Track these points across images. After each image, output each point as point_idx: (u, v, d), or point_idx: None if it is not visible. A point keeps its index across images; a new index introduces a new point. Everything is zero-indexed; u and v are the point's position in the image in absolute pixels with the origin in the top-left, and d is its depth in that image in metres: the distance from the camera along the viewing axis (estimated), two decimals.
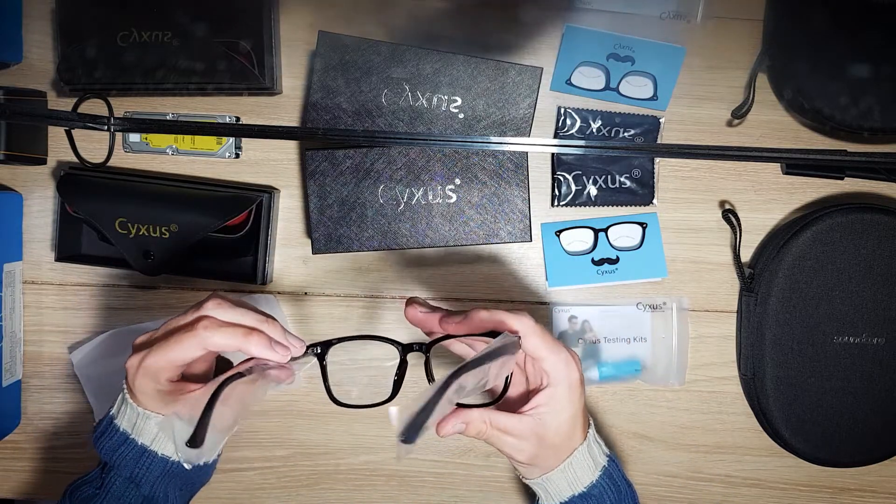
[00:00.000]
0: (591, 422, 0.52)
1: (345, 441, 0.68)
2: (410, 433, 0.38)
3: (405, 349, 0.47)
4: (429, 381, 0.47)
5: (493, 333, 0.46)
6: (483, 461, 0.68)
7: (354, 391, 0.67)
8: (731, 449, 0.68)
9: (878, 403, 0.63)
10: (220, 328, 0.45)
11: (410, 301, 0.50)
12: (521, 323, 0.46)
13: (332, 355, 0.48)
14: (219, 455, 0.55)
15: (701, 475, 0.68)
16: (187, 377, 0.49)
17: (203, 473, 0.54)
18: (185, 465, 0.49)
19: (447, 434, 0.46)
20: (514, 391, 0.51)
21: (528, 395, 0.50)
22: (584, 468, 0.49)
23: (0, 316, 0.63)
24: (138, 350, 0.48)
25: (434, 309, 0.49)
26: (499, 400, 0.48)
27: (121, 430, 0.49)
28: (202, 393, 0.42)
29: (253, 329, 0.46)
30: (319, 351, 0.47)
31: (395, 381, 0.47)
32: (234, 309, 0.47)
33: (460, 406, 0.47)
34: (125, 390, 0.49)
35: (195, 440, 0.40)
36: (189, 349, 0.45)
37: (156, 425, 0.48)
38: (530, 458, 0.48)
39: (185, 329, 0.46)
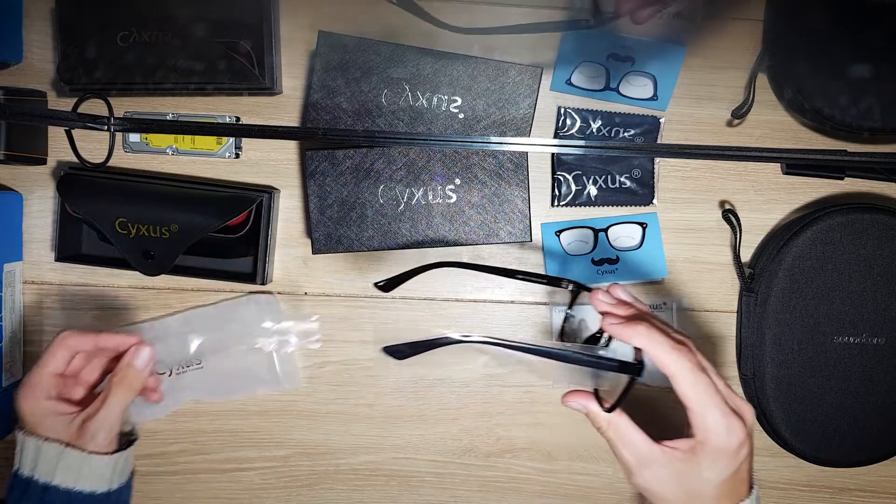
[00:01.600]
0: (755, 489, 0.47)
1: (345, 441, 0.68)
2: (394, 352, 0.45)
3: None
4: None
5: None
6: (483, 461, 0.68)
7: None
8: None
9: (878, 403, 0.63)
10: (77, 331, 0.55)
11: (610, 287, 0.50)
12: (675, 363, 0.44)
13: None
14: (131, 476, 0.56)
15: None
16: (66, 401, 0.54)
17: (116, 500, 0.54)
18: (91, 492, 0.52)
19: (570, 407, 0.48)
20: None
21: (680, 430, 0.47)
22: None
23: (0, 316, 0.63)
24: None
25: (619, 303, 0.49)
26: (613, 409, 0.46)
27: (24, 476, 0.51)
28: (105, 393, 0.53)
29: (105, 331, 0.55)
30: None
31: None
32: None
33: (598, 392, 0.47)
34: (19, 430, 0.52)
35: None
36: (56, 353, 0.53)
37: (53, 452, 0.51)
38: (653, 486, 0.46)
39: (49, 344, 0.54)
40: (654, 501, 0.47)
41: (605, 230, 0.66)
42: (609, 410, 0.46)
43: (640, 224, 0.66)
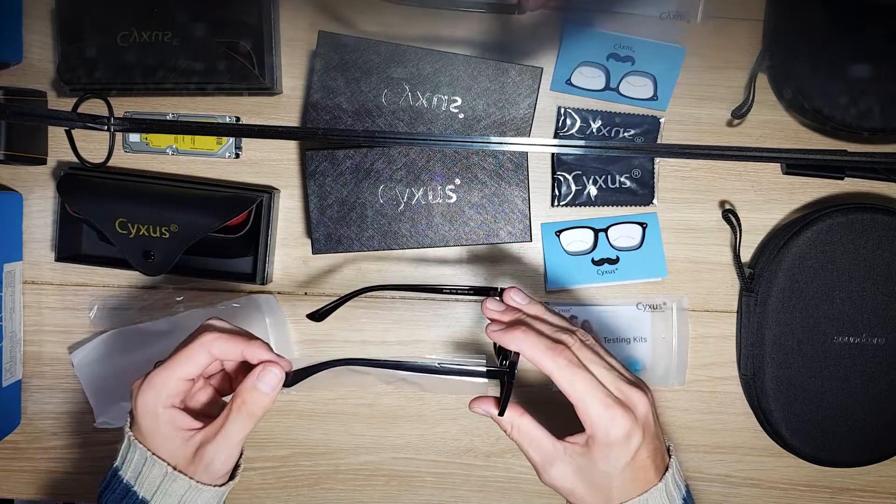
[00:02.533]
0: (671, 461, 0.47)
1: (345, 441, 0.68)
2: (291, 380, 0.47)
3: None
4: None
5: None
6: (483, 461, 0.68)
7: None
8: (731, 449, 0.68)
9: (878, 403, 0.63)
10: (224, 334, 0.46)
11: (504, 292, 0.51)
12: (550, 363, 0.44)
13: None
14: None
15: (701, 475, 0.68)
16: (189, 411, 0.48)
17: None
18: None
19: (475, 412, 0.49)
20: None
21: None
22: None
23: (0, 316, 0.63)
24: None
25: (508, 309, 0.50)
26: (502, 413, 0.47)
27: (124, 481, 0.46)
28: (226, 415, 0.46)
29: (253, 337, 0.47)
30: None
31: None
32: (231, 324, 0.49)
33: (499, 397, 0.47)
34: (129, 431, 0.47)
35: None
36: (195, 357, 0.45)
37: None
38: (559, 482, 0.47)
39: (189, 342, 0.46)
40: (566, 496, 0.48)
41: (605, 230, 0.66)
42: (500, 413, 0.47)
43: (640, 224, 0.66)
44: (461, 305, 0.67)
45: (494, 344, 0.53)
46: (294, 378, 0.47)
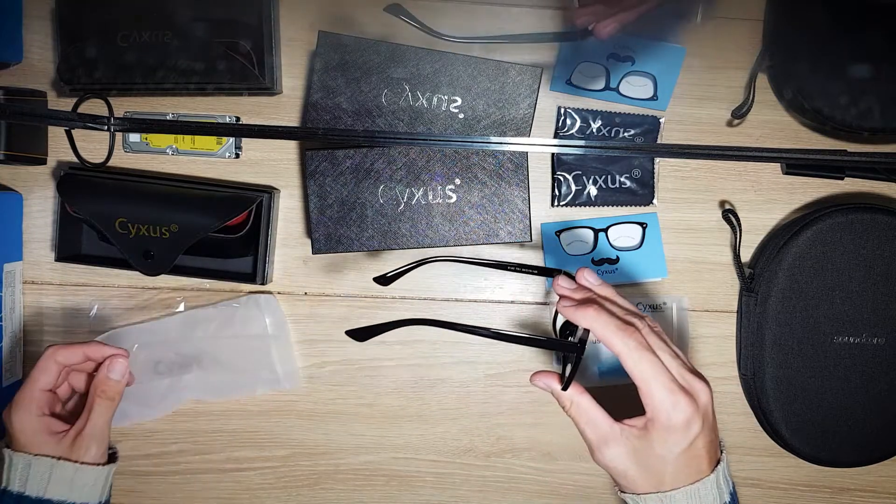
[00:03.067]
0: (723, 455, 0.48)
1: (345, 441, 0.68)
2: (359, 334, 0.50)
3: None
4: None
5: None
6: (483, 461, 0.68)
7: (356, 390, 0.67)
8: (731, 449, 0.68)
9: (878, 403, 0.63)
10: (64, 345, 0.55)
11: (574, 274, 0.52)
12: (620, 343, 0.45)
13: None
14: (110, 493, 0.56)
15: None
16: (60, 417, 0.55)
17: None
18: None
19: (536, 386, 0.50)
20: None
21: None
22: (710, 500, 0.47)
23: (0, 316, 0.63)
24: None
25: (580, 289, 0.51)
26: (566, 388, 0.48)
27: (14, 493, 0.50)
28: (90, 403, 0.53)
29: (91, 341, 0.56)
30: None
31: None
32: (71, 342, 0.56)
33: (560, 374, 0.49)
34: (6, 449, 0.52)
35: None
36: (45, 367, 0.53)
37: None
38: (613, 463, 0.47)
39: (38, 361, 0.54)
40: (616, 478, 0.48)
41: (605, 230, 0.66)
42: (564, 388, 0.48)
43: (640, 224, 0.66)
44: (460, 306, 0.67)
45: (555, 322, 0.54)
46: (366, 334, 0.50)
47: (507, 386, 0.68)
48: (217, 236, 0.61)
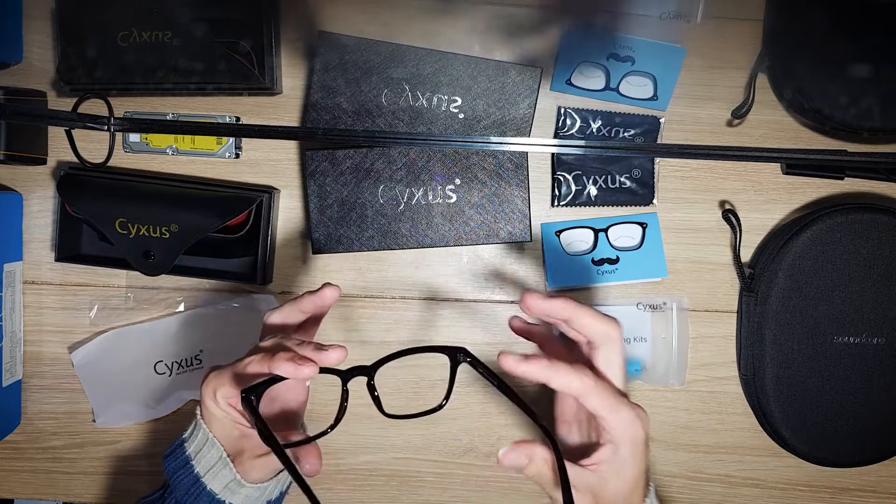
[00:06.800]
0: (652, 485, 0.47)
1: (345, 441, 0.68)
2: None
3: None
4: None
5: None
6: (483, 461, 0.68)
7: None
8: (731, 449, 0.68)
9: (878, 403, 0.63)
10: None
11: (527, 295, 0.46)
12: (578, 381, 0.42)
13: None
14: (282, 494, 0.54)
15: (701, 475, 0.68)
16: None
17: None
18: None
19: (509, 465, 0.45)
20: (571, 437, 0.49)
21: (587, 447, 0.47)
22: None
23: (0, 316, 0.63)
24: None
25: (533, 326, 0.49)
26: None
27: (186, 453, 0.49)
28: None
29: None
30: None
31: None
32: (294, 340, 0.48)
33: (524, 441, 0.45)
34: (197, 411, 0.50)
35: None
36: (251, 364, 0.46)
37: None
38: None
39: (252, 352, 0.48)
40: None
41: (605, 230, 0.66)
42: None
43: (640, 224, 0.66)
44: (460, 306, 0.67)
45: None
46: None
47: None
48: (217, 236, 0.61)
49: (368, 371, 0.46)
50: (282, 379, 0.44)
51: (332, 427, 0.45)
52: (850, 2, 0.59)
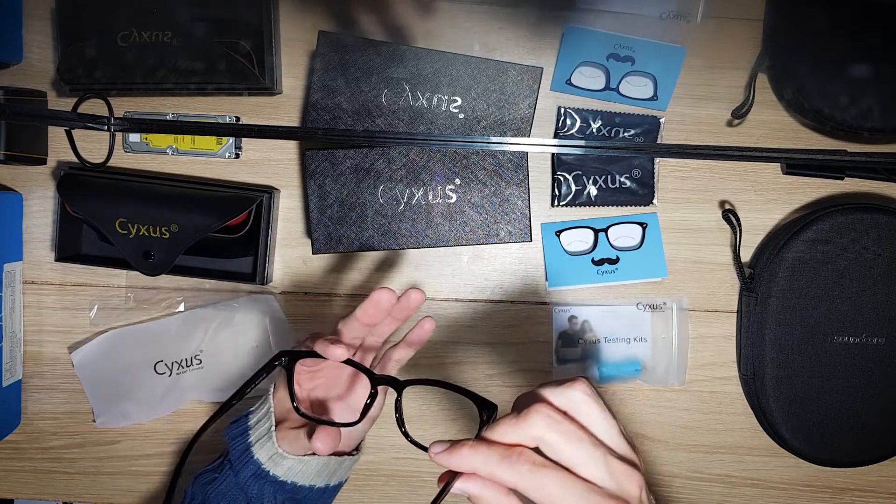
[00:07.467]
0: None
1: None
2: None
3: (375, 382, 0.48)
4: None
5: None
6: None
7: None
8: (731, 449, 0.68)
9: (878, 403, 0.63)
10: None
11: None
12: (513, 473, 0.35)
13: None
14: (339, 484, 0.55)
15: (701, 475, 0.68)
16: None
17: (318, 498, 0.53)
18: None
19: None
20: None
21: None
22: None
23: (0, 316, 0.63)
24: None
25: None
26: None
27: (248, 423, 0.52)
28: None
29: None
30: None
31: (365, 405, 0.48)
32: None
33: None
34: (271, 386, 0.53)
35: None
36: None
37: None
38: None
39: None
40: None
41: (605, 230, 0.66)
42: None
43: (640, 224, 0.66)
44: (461, 306, 0.67)
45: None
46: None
47: (507, 386, 0.68)
48: (217, 236, 0.61)
49: (398, 385, 0.47)
50: (317, 354, 0.48)
51: (356, 423, 0.49)
52: (851, 2, 0.59)
